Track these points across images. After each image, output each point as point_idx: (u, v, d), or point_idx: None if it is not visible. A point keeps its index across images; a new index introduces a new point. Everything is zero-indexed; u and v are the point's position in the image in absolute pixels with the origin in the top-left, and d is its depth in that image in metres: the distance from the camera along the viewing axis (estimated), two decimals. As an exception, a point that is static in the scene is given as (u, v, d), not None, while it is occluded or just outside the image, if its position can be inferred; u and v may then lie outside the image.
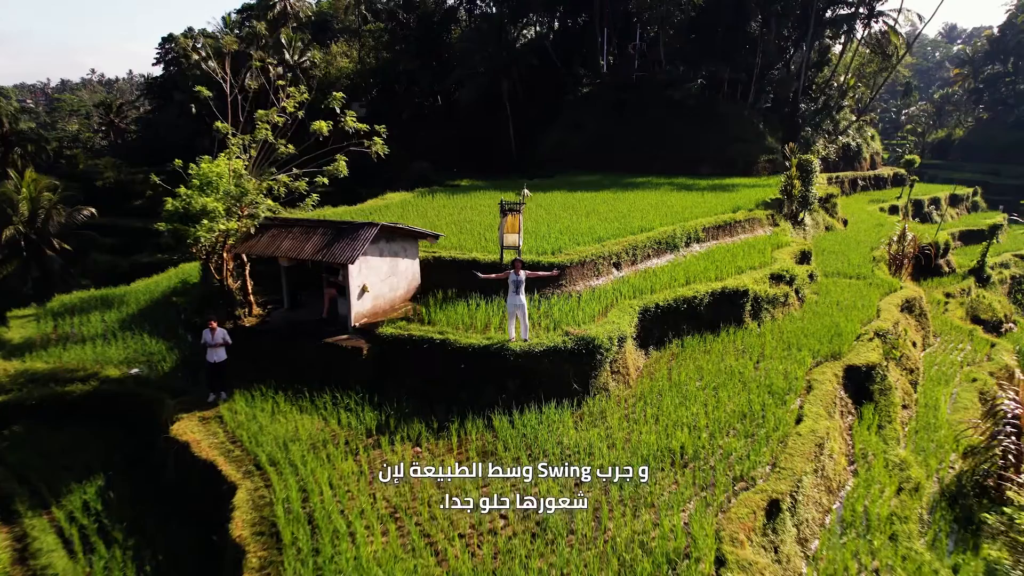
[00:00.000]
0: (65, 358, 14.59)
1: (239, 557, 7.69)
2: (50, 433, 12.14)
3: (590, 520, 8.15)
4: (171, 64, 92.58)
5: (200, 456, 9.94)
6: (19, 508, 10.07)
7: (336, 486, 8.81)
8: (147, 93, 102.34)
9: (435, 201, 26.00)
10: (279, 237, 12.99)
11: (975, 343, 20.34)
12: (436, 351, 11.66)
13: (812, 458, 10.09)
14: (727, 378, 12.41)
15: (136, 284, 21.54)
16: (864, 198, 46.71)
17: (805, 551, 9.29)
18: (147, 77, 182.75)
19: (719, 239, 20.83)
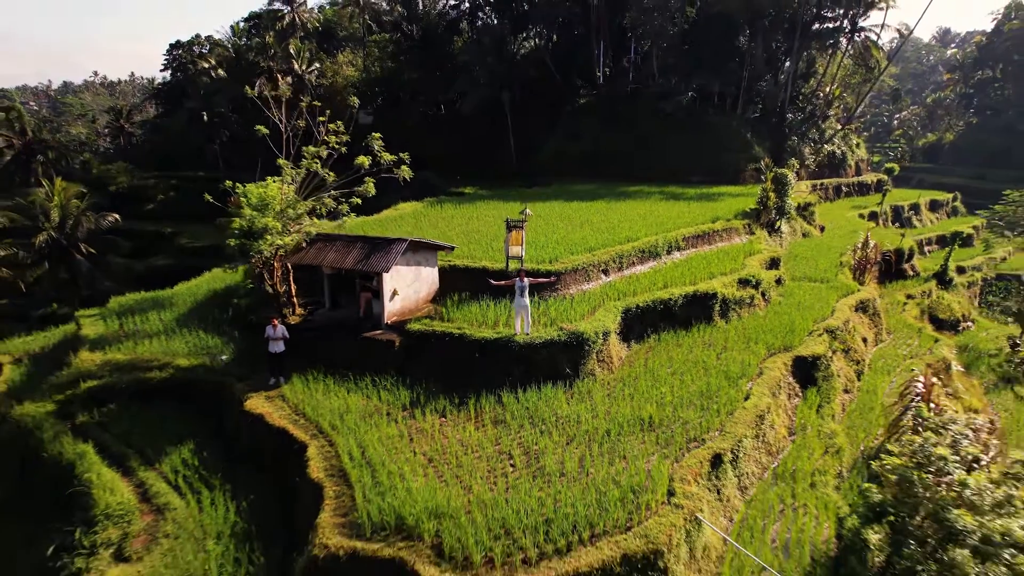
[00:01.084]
0: (139, 351, 17.42)
1: (318, 492, 10.56)
2: (140, 410, 15.00)
3: (577, 466, 11.04)
4: (178, 70, 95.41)
5: (273, 424, 12.83)
6: (132, 464, 12.95)
7: (384, 443, 11.70)
8: (155, 98, 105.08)
9: (444, 211, 28.91)
10: (324, 250, 15.86)
11: (922, 339, 23.28)
12: (455, 343, 14.57)
13: (753, 426, 12.99)
14: (693, 366, 15.31)
15: (179, 287, 24.32)
16: (847, 204, 49.67)
17: (744, 495, 12.20)
18: (151, 81, 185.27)
19: (698, 247, 23.73)
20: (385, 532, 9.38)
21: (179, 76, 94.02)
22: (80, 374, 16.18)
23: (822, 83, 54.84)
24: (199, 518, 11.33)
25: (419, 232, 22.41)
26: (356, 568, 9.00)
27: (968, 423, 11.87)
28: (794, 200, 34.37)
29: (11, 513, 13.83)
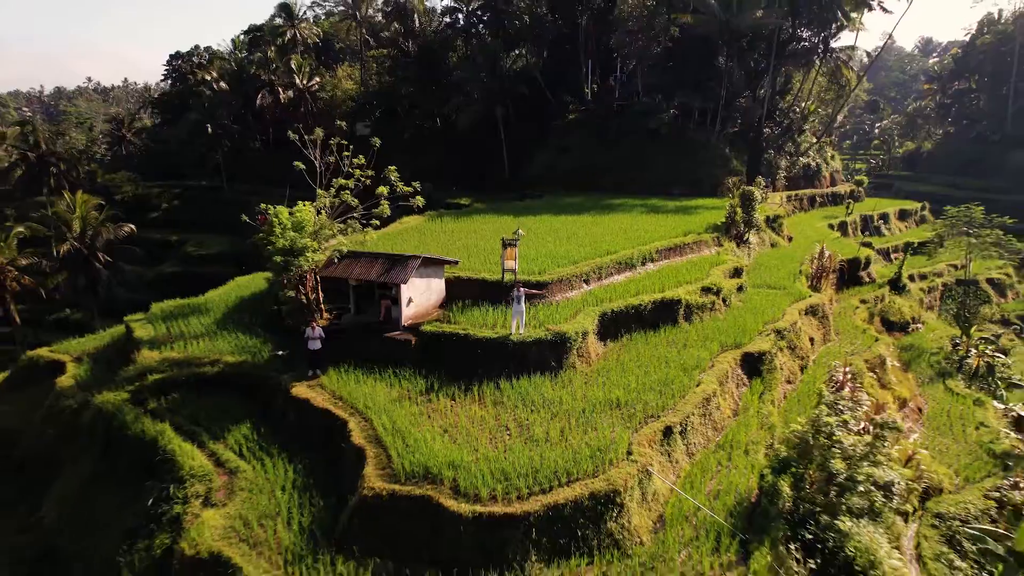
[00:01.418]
0: (189, 350, 20.75)
1: (361, 454, 13.95)
2: (198, 398, 18.32)
3: (558, 434, 14.51)
4: (178, 80, 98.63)
5: (317, 406, 16.22)
6: (202, 439, 16.30)
7: (408, 419, 15.12)
8: (154, 107, 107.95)
9: (445, 225, 32.37)
10: (351, 265, 19.27)
11: (865, 339, 26.92)
12: (461, 341, 18.01)
13: (700, 406, 16.51)
14: (656, 360, 18.82)
15: (211, 294, 27.58)
16: (820, 214, 53.41)
17: (691, 458, 15.70)
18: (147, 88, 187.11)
19: (670, 259, 27.30)
20: (415, 479, 12.80)
21: (179, 86, 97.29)
22: (145, 369, 19.51)
23: (798, 99, 58.72)
24: (264, 477, 14.70)
25: (424, 246, 25.86)
26: (394, 504, 12.42)
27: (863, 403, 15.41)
28: (763, 213, 38.14)
29: (100, 481, 17.16)
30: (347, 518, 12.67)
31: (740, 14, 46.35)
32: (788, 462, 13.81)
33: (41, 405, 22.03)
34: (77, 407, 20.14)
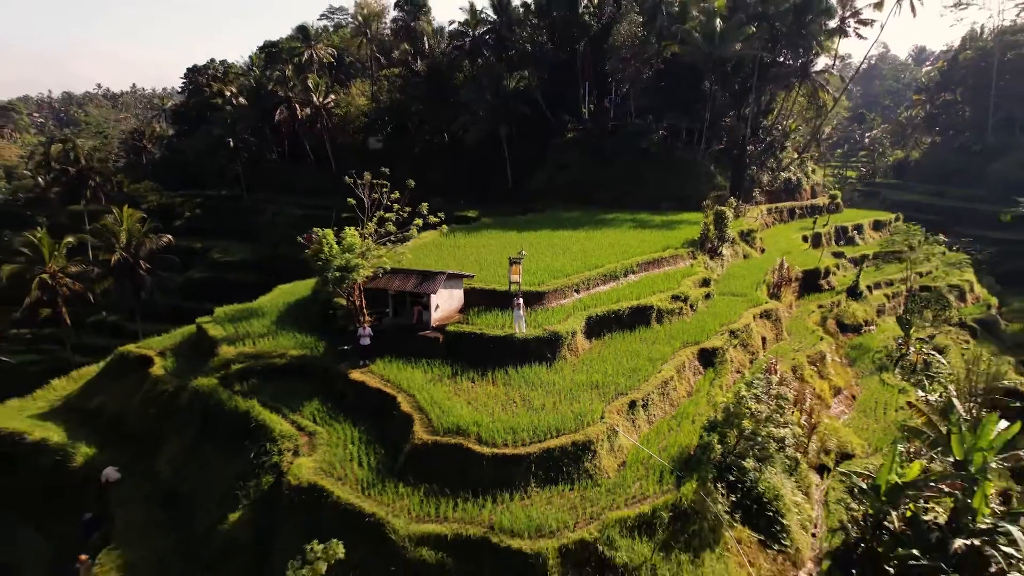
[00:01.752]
0: (259, 345, 26.45)
1: (409, 419, 19.66)
2: (273, 382, 24.01)
3: (551, 405, 20.20)
4: (195, 93, 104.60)
5: (371, 387, 21.92)
6: (284, 412, 22.01)
7: (441, 395, 20.82)
8: (169, 117, 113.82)
9: (457, 241, 38.09)
10: (392, 279, 24.99)
11: (812, 339, 32.62)
12: (477, 338, 23.68)
13: (659, 387, 22.20)
14: (629, 353, 24.49)
15: (262, 300, 33.35)
16: (798, 225, 59.07)
17: (650, 425, 21.40)
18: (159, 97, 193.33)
19: (649, 271, 33.01)
20: (449, 433, 18.51)
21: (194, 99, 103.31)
22: (227, 360, 25.25)
23: (780, 117, 64.43)
24: (336, 436, 20.41)
25: (442, 261, 31.60)
26: (436, 449, 18.13)
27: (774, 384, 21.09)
28: (738, 228, 43.89)
29: (203, 445, 22.86)
30: (403, 459, 18.40)
31: (722, 45, 52.02)
32: (716, 424, 19.48)
33: (136, 390, 27.76)
34: (173, 390, 25.87)
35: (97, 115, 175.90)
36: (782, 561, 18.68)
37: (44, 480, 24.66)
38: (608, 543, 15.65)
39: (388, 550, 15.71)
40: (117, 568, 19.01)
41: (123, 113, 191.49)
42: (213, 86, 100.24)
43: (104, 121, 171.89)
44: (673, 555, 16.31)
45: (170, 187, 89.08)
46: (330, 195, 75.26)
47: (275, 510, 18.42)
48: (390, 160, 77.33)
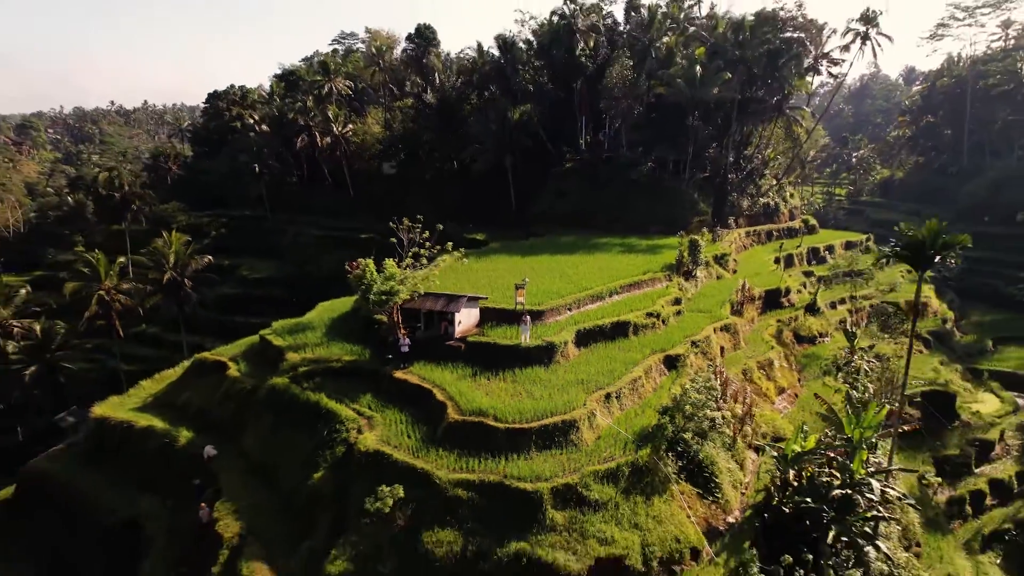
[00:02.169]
0: (316, 352, 34.17)
1: (442, 406, 27.41)
2: (334, 382, 31.73)
3: (547, 396, 27.93)
4: (215, 117, 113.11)
5: (412, 383, 29.69)
6: (345, 402, 29.74)
7: (466, 388, 28.57)
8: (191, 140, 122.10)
9: (471, 265, 45.67)
10: (424, 300, 32.80)
11: (763, 348, 40.31)
12: (492, 347, 31.44)
13: (630, 384, 29.93)
14: (609, 359, 32.21)
15: (310, 315, 41.04)
16: (774, 247, 66.77)
17: (622, 411, 29.12)
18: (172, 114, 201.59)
19: (630, 292, 40.78)
20: (473, 414, 26.23)
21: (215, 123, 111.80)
22: (294, 364, 33.00)
23: (759, 148, 72.42)
24: (387, 419, 28.12)
25: (458, 284, 39.33)
26: (464, 425, 25.84)
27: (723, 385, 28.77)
28: (712, 252, 51.67)
29: (280, 429, 30.54)
30: (440, 432, 26.11)
31: (703, 88, 60.03)
32: (668, 409, 27.15)
33: (216, 388, 35.49)
34: (250, 388, 33.61)
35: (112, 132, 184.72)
36: (715, 508, 26.31)
37: (155, 457, 32.40)
38: (585, 487, 23.34)
39: (434, 491, 23.40)
40: (230, 512, 26.67)
41: (135, 129, 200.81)
42: (233, 110, 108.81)
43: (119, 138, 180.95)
44: (631, 497, 23.96)
45: (194, 206, 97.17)
46: (347, 217, 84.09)
47: (347, 470, 26.08)
48: (403, 184, 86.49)
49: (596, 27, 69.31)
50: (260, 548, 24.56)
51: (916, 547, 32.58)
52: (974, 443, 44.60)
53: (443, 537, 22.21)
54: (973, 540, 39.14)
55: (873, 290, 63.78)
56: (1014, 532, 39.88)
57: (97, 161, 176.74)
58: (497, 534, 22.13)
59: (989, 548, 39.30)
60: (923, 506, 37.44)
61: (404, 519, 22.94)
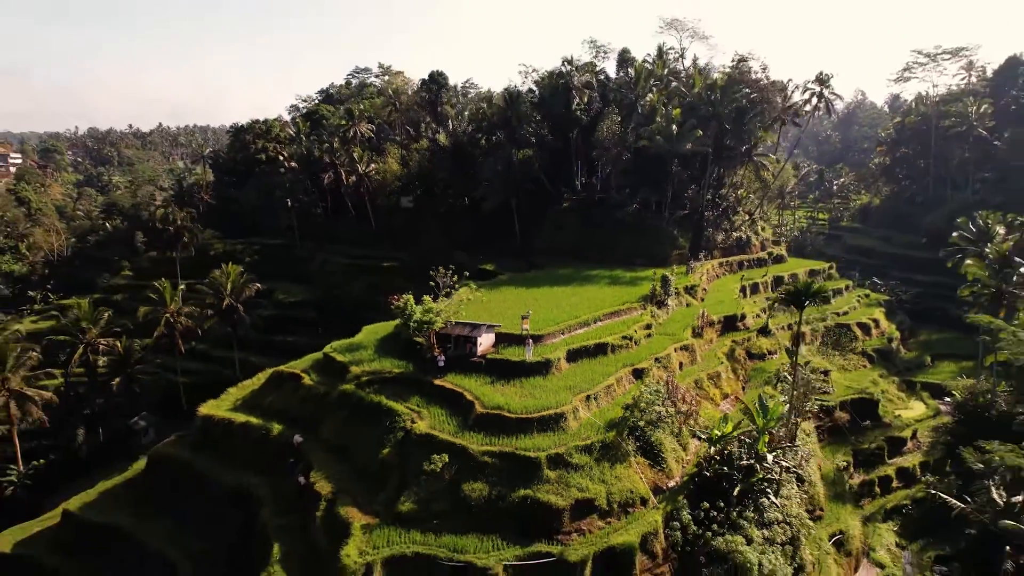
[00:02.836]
0: (371, 366, 47.17)
1: (471, 403, 40.46)
2: (389, 387, 44.72)
3: (545, 396, 40.97)
4: (240, 150, 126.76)
5: (448, 388, 42.78)
6: (400, 402, 42.80)
7: (487, 392, 41.61)
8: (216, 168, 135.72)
9: (484, 296, 58.87)
10: (454, 328, 45.95)
11: (715, 363, 53.31)
12: (505, 362, 44.55)
13: (605, 388, 43.01)
14: (592, 371, 45.29)
15: (359, 337, 53.96)
16: (744, 275, 79.91)
17: (599, 407, 42.17)
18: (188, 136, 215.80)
19: (611, 319, 53.87)
20: (493, 409, 39.28)
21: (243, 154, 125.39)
22: (357, 375, 46.08)
23: (732, 189, 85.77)
24: (431, 413, 41.13)
25: (476, 313, 52.32)
26: (487, 416, 38.87)
27: (670, 393, 41.76)
28: (683, 283, 64.77)
29: (351, 422, 43.49)
30: (471, 422, 39.13)
31: (679, 143, 73.45)
32: (629, 406, 40.08)
33: (294, 393, 48.44)
34: (323, 392, 46.55)
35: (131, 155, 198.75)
36: (661, 475, 39.17)
37: (254, 444, 45.36)
38: (569, 455, 36.31)
39: (469, 458, 36.35)
40: (322, 478, 39.50)
41: (151, 152, 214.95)
42: (258, 143, 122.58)
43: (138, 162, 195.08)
44: (600, 464, 36.87)
45: (226, 233, 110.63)
46: (370, 246, 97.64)
47: (406, 447, 38.99)
48: (420, 217, 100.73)
49: (590, 84, 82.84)
50: (349, 499, 37.38)
51: (820, 511, 45.51)
52: (889, 440, 57.50)
53: (476, 487, 35.16)
54: (877, 513, 52.08)
55: (828, 313, 76.75)
56: (911, 507, 52.75)
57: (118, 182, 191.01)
58: (510, 485, 35.07)
59: (890, 519, 52.21)
60: (837, 485, 50.41)
61: (449, 475, 35.92)
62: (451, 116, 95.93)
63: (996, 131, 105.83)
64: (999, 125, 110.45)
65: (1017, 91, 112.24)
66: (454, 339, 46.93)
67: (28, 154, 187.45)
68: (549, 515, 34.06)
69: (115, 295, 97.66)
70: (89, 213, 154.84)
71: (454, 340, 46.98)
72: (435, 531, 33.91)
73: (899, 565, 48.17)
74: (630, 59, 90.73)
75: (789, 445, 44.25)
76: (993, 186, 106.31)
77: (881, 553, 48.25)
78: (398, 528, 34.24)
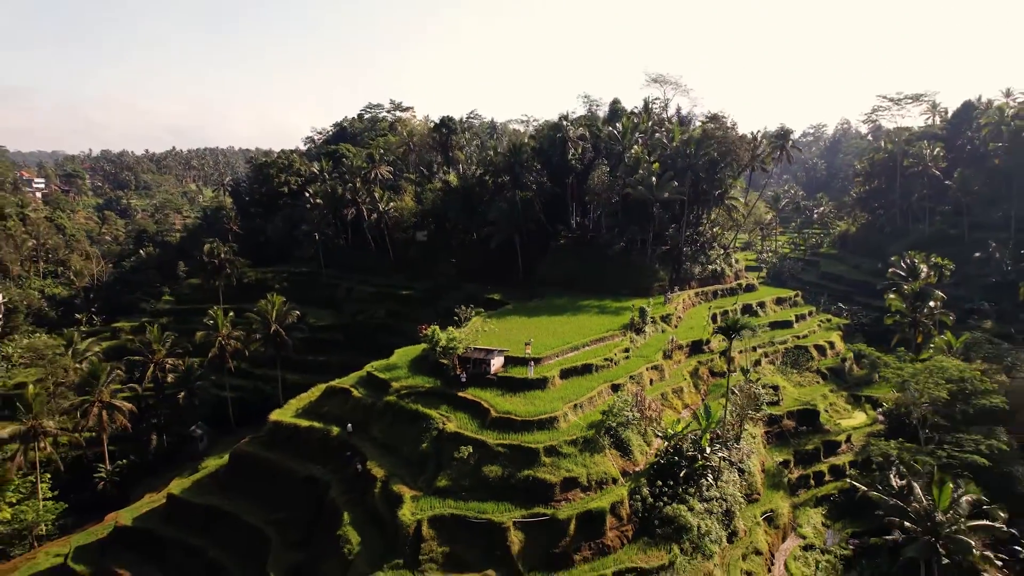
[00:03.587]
0: (409, 382, 62.90)
1: (487, 410, 56.25)
2: (423, 399, 60.45)
3: (543, 404, 56.77)
4: (263, 183, 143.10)
5: (469, 399, 58.58)
6: (434, 409, 58.54)
7: (500, 400, 57.40)
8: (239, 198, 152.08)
9: (493, 325, 74.77)
10: (474, 352, 61.81)
11: (679, 379, 69.11)
12: (512, 379, 60.39)
13: (589, 398, 58.79)
14: (579, 386, 61.09)
15: (393, 359, 69.82)
16: (715, 303, 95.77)
17: (584, 413, 57.97)
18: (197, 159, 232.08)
19: (597, 344, 69.75)
20: (504, 414, 55.07)
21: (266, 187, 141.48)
22: (398, 389, 61.91)
23: (709, 226, 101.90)
24: (458, 418, 56.85)
25: (488, 340, 68.16)
26: (499, 419, 54.62)
27: (638, 403, 57.51)
28: (658, 312, 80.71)
29: (395, 425, 59.20)
30: (488, 423, 54.87)
31: (658, 191, 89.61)
32: (606, 411, 55.71)
33: (345, 403, 64.10)
34: (371, 402, 62.23)
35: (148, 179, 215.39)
36: (629, 463, 54.79)
37: (316, 443, 60.99)
38: (560, 447, 52.01)
39: (487, 448, 52.04)
40: (376, 466, 55.10)
41: (166, 175, 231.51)
42: (280, 176, 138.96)
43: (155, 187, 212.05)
44: (583, 453, 52.54)
45: (255, 260, 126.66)
46: (388, 275, 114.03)
47: (440, 442, 54.61)
48: (433, 250, 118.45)
49: (584, 136, 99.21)
50: (398, 480, 52.95)
51: (757, 495, 61.11)
52: (826, 443, 73.13)
53: (492, 469, 50.81)
54: (809, 500, 67.57)
55: (789, 336, 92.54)
56: (837, 496, 68.24)
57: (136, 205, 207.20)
58: (517, 467, 50.72)
59: (820, 505, 67.70)
60: (776, 477, 65.98)
61: (473, 461, 51.56)
62: (461, 160, 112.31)
63: (950, 169, 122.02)
64: (957, 163, 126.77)
65: (972, 132, 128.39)
66: (472, 361, 62.70)
67: (51, 178, 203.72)
68: (545, 488, 49.70)
69: (161, 318, 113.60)
70: (116, 238, 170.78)
71: (472, 362, 62.74)
72: (464, 499, 49.56)
73: (821, 538, 63.63)
74: (620, 110, 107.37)
75: (733, 443, 59.91)
76: (949, 220, 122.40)
77: (807, 529, 63.73)
78: (437, 498, 49.86)
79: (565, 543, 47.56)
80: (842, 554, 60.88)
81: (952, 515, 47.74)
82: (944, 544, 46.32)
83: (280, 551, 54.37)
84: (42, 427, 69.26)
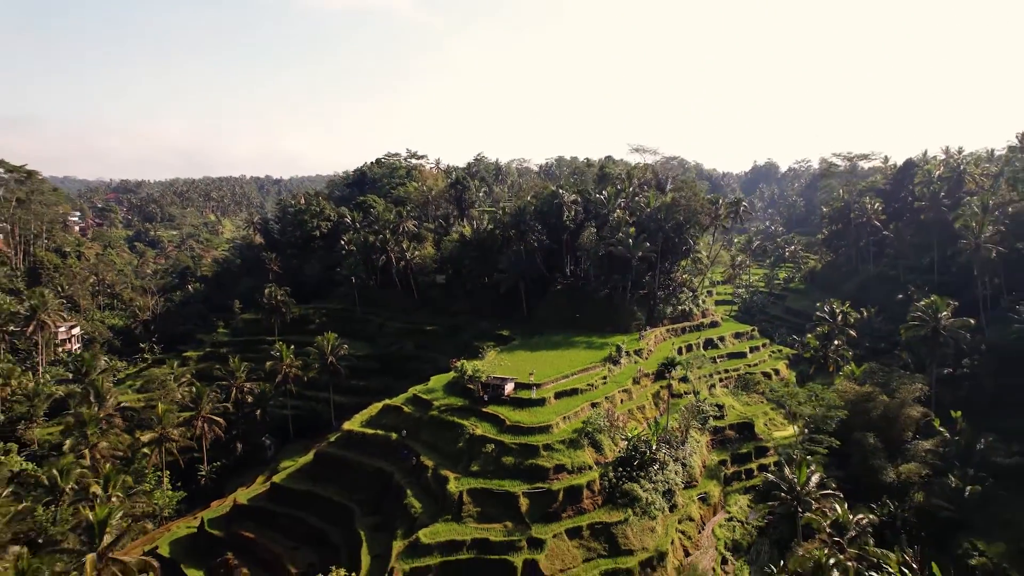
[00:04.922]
0: (444, 401, 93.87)
1: (504, 420, 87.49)
2: (457, 413, 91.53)
3: (542, 417, 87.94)
4: (297, 227, 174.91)
5: (489, 413, 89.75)
6: (466, 420, 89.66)
7: (512, 413, 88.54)
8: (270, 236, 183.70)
9: (506, 358, 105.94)
10: (493, 379, 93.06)
11: (644, 400, 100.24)
12: (519, 399, 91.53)
13: (574, 413, 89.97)
14: (568, 404, 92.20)
15: (430, 384, 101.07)
16: (683, 338, 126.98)
17: (571, 423, 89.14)
18: (248, 212, 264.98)
19: (583, 373, 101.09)
20: (515, 423, 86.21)
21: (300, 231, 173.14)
22: (439, 405, 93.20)
23: (679, 273, 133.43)
24: (483, 425, 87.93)
25: (503, 369, 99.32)
26: (513, 426, 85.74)
27: (608, 415, 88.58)
28: (632, 347, 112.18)
29: (438, 430, 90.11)
30: (504, 429, 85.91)
31: (635, 249, 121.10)
32: (587, 421, 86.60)
33: (398, 416, 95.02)
34: (419, 416, 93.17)
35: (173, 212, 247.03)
36: (601, 456, 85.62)
37: (381, 445, 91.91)
38: (553, 445, 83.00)
39: (504, 445, 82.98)
40: (428, 459, 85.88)
41: (188, 208, 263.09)
42: (312, 222, 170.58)
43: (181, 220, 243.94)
44: (568, 448, 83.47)
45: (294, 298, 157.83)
46: (413, 312, 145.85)
47: (471, 442, 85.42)
48: (451, 292, 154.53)
49: (576, 200, 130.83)
50: (445, 467, 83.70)
51: (695, 483, 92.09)
52: (757, 448, 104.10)
53: (508, 458, 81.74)
54: (740, 489, 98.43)
55: (742, 364, 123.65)
56: (761, 486, 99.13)
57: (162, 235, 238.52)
58: (525, 458, 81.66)
59: (748, 493, 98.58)
60: (714, 471, 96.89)
61: (495, 454, 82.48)
62: (475, 217, 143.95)
63: (890, 221, 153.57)
64: (901, 212, 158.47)
65: (913, 185, 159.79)
66: (491, 386, 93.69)
67: (85, 213, 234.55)
68: (543, 471, 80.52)
69: (220, 348, 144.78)
70: (156, 272, 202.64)
71: (491, 387, 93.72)
72: (489, 478, 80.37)
73: (745, 515, 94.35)
74: (607, 174, 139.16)
75: (679, 445, 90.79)
76: (891, 262, 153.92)
77: (735, 509, 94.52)
78: (472, 478, 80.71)
79: (556, 506, 78.50)
80: (757, 525, 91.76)
81: (806, 488, 78.68)
82: (798, 505, 77.26)
83: (361, 516, 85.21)
84: (168, 435, 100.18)
